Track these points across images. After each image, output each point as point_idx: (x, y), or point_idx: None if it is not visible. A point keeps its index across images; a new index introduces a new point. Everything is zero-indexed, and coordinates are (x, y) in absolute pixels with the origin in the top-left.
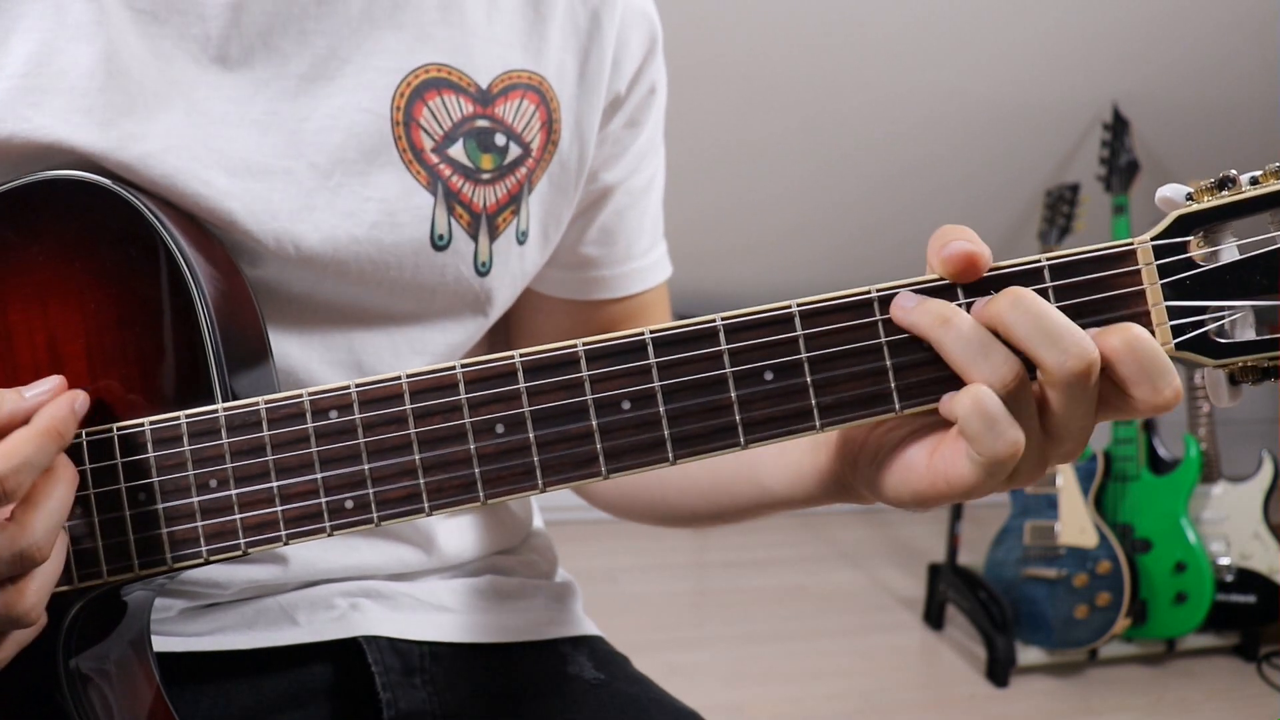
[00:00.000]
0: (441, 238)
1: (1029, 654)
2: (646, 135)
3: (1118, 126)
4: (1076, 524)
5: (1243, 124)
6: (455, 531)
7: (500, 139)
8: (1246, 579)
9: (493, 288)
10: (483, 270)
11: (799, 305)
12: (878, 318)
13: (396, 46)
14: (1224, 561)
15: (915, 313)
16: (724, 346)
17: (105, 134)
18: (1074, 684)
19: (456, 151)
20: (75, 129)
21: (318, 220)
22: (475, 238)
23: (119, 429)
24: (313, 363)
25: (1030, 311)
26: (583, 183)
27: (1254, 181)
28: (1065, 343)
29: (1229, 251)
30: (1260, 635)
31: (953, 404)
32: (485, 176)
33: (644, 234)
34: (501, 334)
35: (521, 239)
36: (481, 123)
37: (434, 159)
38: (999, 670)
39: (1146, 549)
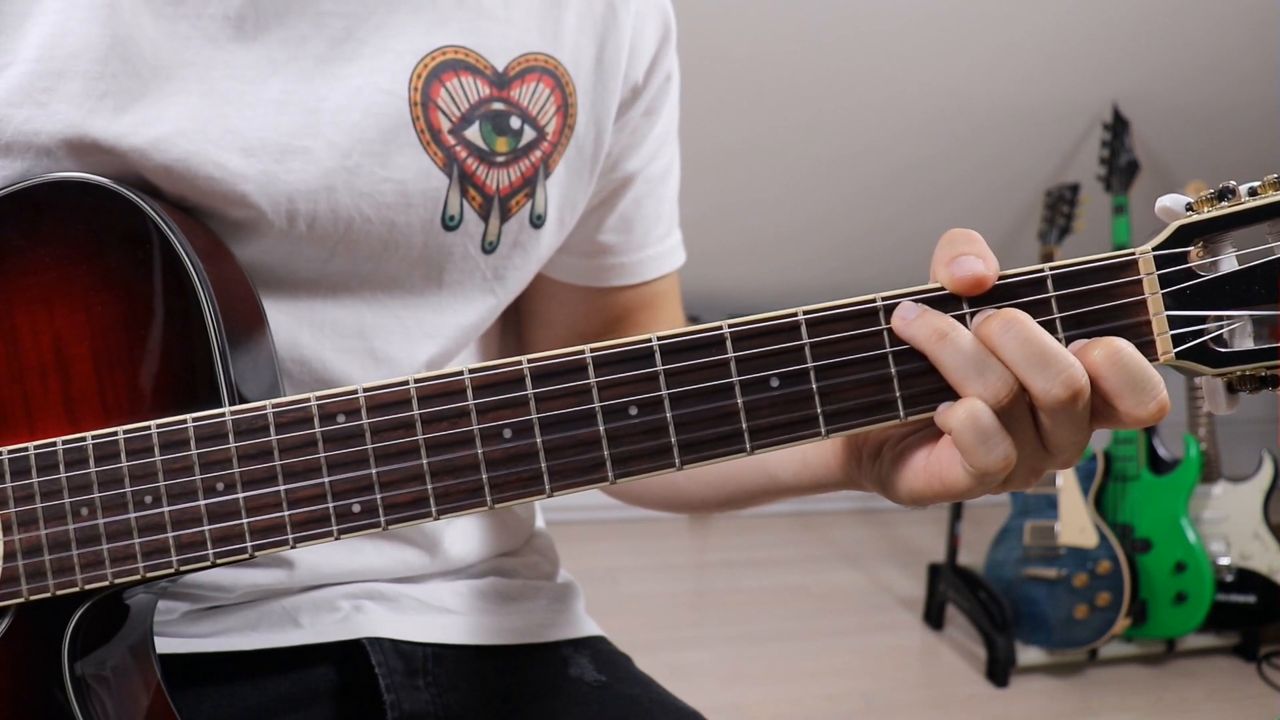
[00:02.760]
0: (452, 219)
1: (1029, 654)
2: (663, 123)
3: (1118, 126)
4: (1076, 524)
5: (1243, 124)
6: (460, 535)
7: (515, 122)
8: (1246, 579)
9: (499, 266)
10: (489, 248)
11: (805, 313)
12: (882, 326)
13: (413, 29)
14: (1224, 561)
15: (915, 325)
16: (730, 354)
17: (119, 118)
18: (1074, 684)
19: (472, 134)
20: (90, 114)
21: (335, 200)
22: (486, 219)
23: (124, 432)
24: (325, 351)
25: (1020, 337)
26: (599, 169)
27: (1253, 192)
28: (1052, 370)
29: (1228, 261)
30: (1260, 635)
31: (947, 416)
32: (499, 159)
33: (660, 221)
34: (513, 321)
35: (538, 222)
36: (497, 105)
37: (450, 140)
38: (999, 670)
39: (1146, 549)
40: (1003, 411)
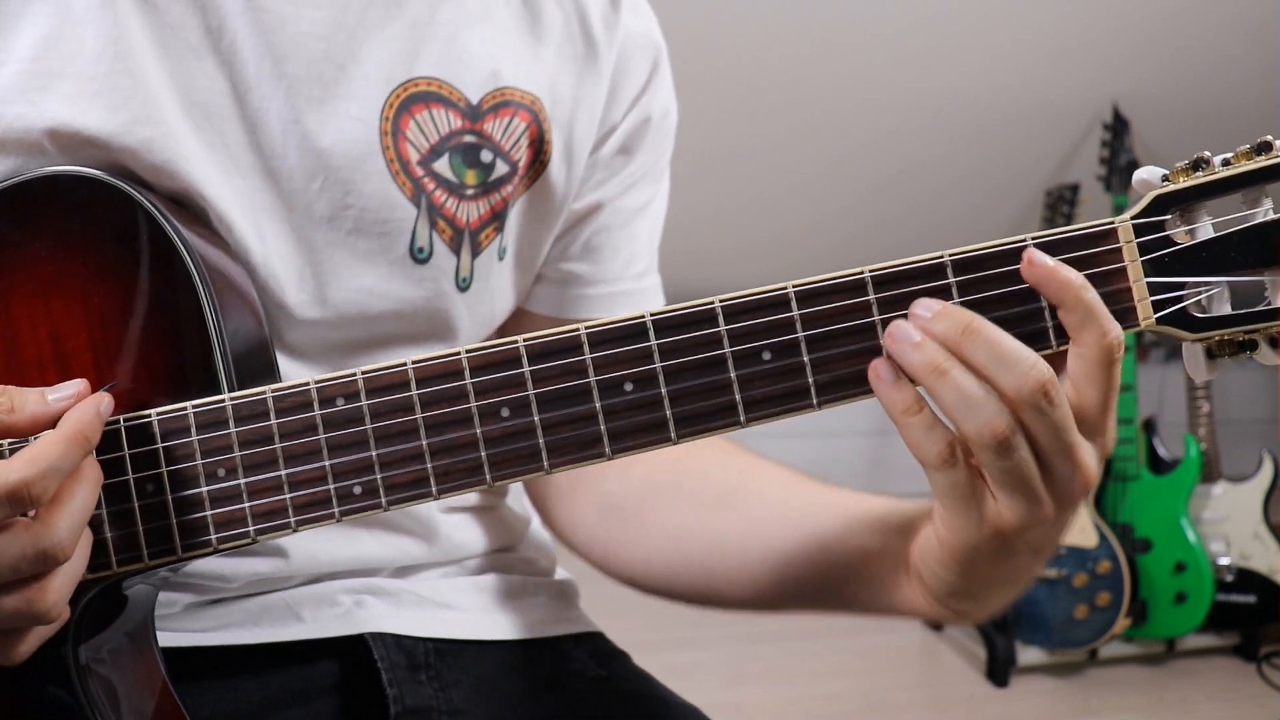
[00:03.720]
0: (421, 250)
1: (1029, 654)
2: (641, 162)
3: (1118, 126)
4: (1076, 524)
5: (1242, 124)
6: (456, 524)
7: (486, 155)
8: (1246, 579)
9: (472, 304)
10: (463, 285)
11: (794, 287)
12: (871, 297)
13: (390, 57)
14: (1224, 561)
15: (914, 354)
16: (722, 328)
17: (112, 117)
18: (1074, 684)
19: (442, 166)
20: (82, 113)
21: (296, 220)
22: (457, 253)
23: (125, 420)
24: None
25: (985, 339)
26: (566, 209)
27: (1226, 163)
28: (1022, 365)
29: (1204, 230)
30: (1260, 635)
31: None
32: (469, 192)
33: (634, 259)
34: None
35: (502, 255)
36: (468, 138)
37: (419, 171)
38: (999, 670)
39: (1146, 549)
40: (999, 447)
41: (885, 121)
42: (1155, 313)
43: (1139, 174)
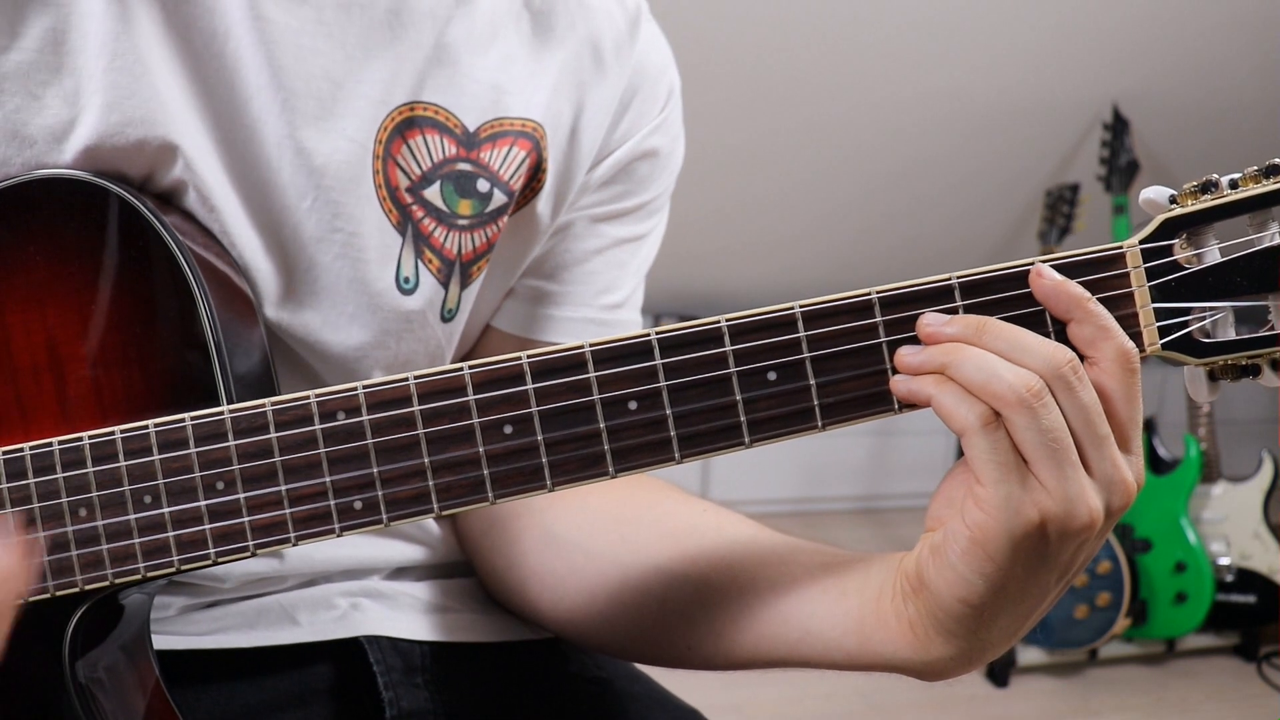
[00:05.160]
0: (408, 280)
1: (1029, 654)
2: (640, 195)
3: (1118, 126)
4: None
5: (1243, 124)
6: (450, 528)
7: (483, 185)
8: (1246, 579)
9: (453, 333)
10: (448, 316)
11: (801, 307)
12: (878, 319)
13: (388, 79)
14: (1224, 561)
15: (923, 354)
16: (728, 348)
17: (107, 116)
18: (1074, 684)
19: (432, 193)
20: (81, 110)
21: (285, 237)
22: (446, 285)
23: (122, 432)
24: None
25: (1003, 330)
26: (546, 236)
27: (1233, 185)
28: (1046, 347)
29: (1211, 254)
30: (1260, 635)
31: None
32: (462, 222)
33: (611, 290)
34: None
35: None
36: (463, 166)
37: (408, 199)
38: (999, 670)
39: (1146, 549)
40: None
41: (885, 121)
42: (1161, 338)
43: (1147, 194)
